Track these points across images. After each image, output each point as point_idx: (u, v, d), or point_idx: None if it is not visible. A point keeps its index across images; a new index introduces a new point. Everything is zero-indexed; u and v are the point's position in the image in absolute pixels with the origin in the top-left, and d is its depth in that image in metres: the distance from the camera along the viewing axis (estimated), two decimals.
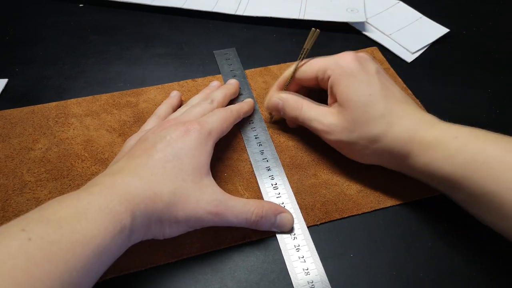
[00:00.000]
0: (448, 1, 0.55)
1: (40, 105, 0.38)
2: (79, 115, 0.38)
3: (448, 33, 0.49)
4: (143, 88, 0.41)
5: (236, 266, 0.29)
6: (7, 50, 0.45)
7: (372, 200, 0.32)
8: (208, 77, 0.42)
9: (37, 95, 0.40)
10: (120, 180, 0.25)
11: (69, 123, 0.37)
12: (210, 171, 0.29)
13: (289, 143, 0.36)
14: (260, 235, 0.30)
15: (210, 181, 0.29)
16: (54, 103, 0.39)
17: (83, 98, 0.39)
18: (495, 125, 0.39)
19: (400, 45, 0.47)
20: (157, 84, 0.41)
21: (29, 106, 0.38)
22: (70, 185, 0.32)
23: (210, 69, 0.44)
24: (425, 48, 0.47)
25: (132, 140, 0.32)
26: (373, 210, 0.32)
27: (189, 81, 0.42)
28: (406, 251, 0.30)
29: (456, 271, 0.29)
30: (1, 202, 0.31)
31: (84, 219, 0.22)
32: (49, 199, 0.31)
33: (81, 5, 0.51)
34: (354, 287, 0.28)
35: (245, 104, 0.37)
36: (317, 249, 0.29)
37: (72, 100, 0.39)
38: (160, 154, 0.27)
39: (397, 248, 0.30)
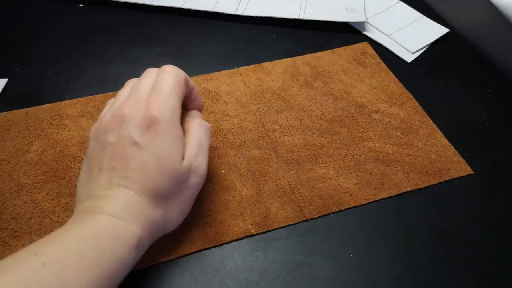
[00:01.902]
0: (448, 1, 0.55)
1: (34, 107, 0.38)
2: (74, 117, 0.38)
3: (448, 33, 0.49)
4: None
5: (236, 266, 0.29)
6: (7, 50, 0.45)
7: (369, 192, 0.33)
8: (202, 75, 0.42)
9: (37, 95, 0.40)
10: (116, 202, 0.25)
11: (64, 125, 0.37)
12: (181, 130, 0.28)
13: (284, 138, 0.37)
14: (260, 229, 0.30)
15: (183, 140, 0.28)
16: (48, 105, 0.39)
17: (77, 99, 0.39)
18: (495, 125, 0.39)
19: (400, 45, 0.47)
20: None
21: (23, 109, 0.38)
22: (67, 186, 0.32)
23: (210, 69, 0.44)
24: (425, 48, 0.47)
25: (91, 140, 0.28)
26: (370, 202, 0.32)
27: None
28: (406, 251, 0.30)
29: (456, 271, 0.29)
30: None
31: (94, 243, 0.22)
32: (46, 201, 0.31)
33: (81, 5, 0.51)
34: (354, 287, 0.28)
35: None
36: (317, 249, 0.29)
37: (66, 101, 0.39)
38: (136, 162, 0.26)
39: (397, 248, 0.30)
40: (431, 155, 0.36)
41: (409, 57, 0.46)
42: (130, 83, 0.30)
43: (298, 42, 0.48)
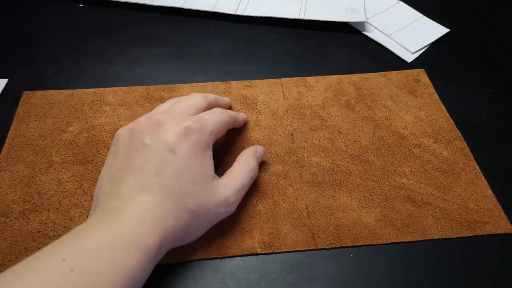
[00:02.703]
0: (448, 1, 0.55)
1: (79, 89, 0.40)
2: (113, 104, 0.39)
3: (448, 33, 0.49)
4: (178, 85, 0.41)
5: (236, 266, 0.29)
6: (7, 50, 0.45)
7: (390, 232, 0.30)
8: (243, 81, 0.42)
9: None
10: (144, 207, 0.25)
11: (102, 111, 0.38)
12: (211, 152, 0.29)
13: (312, 159, 0.35)
14: (267, 249, 0.29)
15: (217, 181, 0.29)
16: (92, 89, 0.40)
17: (120, 88, 0.40)
18: (495, 125, 0.39)
19: (400, 45, 0.47)
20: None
21: (68, 90, 0.40)
22: (92, 171, 0.33)
23: (210, 69, 0.44)
24: (425, 48, 0.47)
25: (124, 137, 0.28)
26: (390, 243, 0.30)
27: (222, 83, 0.41)
28: (406, 251, 0.30)
29: (456, 271, 0.29)
30: (27, 178, 0.32)
31: (120, 251, 0.22)
32: (70, 182, 0.32)
33: (81, 5, 0.51)
34: (354, 287, 0.28)
35: (240, 116, 0.36)
36: (317, 249, 0.29)
37: (109, 88, 0.40)
38: (170, 168, 0.26)
39: (397, 249, 0.30)
40: (469, 204, 0.32)
41: (409, 57, 0.46)
42: (172, 100, 0.32)
43: (298, 42, 0.48)
